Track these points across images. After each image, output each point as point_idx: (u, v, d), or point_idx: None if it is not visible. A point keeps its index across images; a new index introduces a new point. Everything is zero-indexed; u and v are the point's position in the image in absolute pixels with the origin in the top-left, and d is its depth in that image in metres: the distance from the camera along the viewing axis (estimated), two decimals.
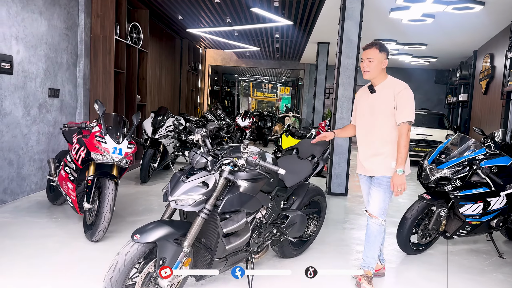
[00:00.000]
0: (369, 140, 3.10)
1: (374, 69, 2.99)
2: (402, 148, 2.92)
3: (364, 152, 3.14)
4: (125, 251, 2.22)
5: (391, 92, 2.98)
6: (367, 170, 3.14)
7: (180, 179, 2.40)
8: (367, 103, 3.12)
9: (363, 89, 3.23)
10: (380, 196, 3.06)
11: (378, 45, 3.00)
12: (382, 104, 3.01)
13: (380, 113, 3.02)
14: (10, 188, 4.98)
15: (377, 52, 2.98)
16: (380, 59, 2.99)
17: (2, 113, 4.74)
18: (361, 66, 3.08)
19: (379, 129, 3.05)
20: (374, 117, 3.06)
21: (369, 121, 3.10)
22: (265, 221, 2.88)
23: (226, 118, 10.73)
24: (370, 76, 3.03)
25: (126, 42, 7.30)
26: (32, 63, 5.23)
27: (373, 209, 3.10)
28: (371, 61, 2.97)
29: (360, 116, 3.20)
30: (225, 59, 15.85)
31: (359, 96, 3.28)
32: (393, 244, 4.08)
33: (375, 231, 3.12)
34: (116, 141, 3.89)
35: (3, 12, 4.64)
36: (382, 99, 3.02)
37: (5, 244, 3.64)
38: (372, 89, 3.09)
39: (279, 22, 8.29)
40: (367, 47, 3.03)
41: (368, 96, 3.11)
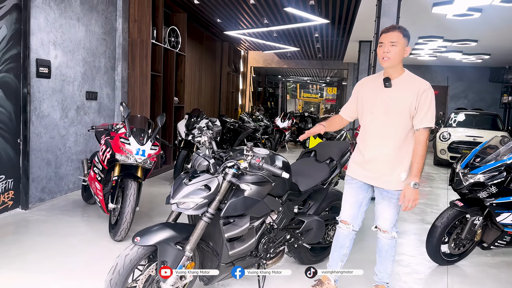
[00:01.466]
0: (380, 143, 2.67)
1: (396, 55, 2.53)
2: (419, 158, 2.55)
3: (370, 155, 2.71)
4: (125, 253, 2.22)
5: (413, 90, 2.55)
6: (371, 178, 2.73)
7: (183, 181, 2.37)
8: (379, 98, 2.66)
9: (371, 81, 2.80)
10: (391, 210, 2.72)
11: (402, 29, 2.56)
12: (400, 102, 2.58)
13: (397, 112, 2.59)
14: (48, 187, 5.22)
15: (401, 36, 2.53)
16: (403, 44, 2.54)
17: (41, 115, 4.97)
18: (378, 52, 2.60)
19: (393, 132, 2.62)
20: (389, 116, 2.61)
21: (381, 120, 2.65)
22: (276, 226, 2.78)
23: (264, 120, 10.68)
24: (390, 63, 2.55)
25: (163, 46, 7.45)
26: (69, 67, 5.45)
27: (384, 224, 2.77)
28: (395, 45, 2.51)
29: (367, 113, 2.73)
30: (267, 60, 15.84)
31: (365, 88, 2.79)
32: (424, 253, 3.84)
33: (387, 245, 2.82)
34: (140, 142, 3.95)
35: (41, 19, 4.87)
36: (400, 96, 2.58)
37: (36, 241, 3.80)
38: (388, 83, 2.62)
39: (315, 21, 8.13)
40: (388, 30, 2.57)
41: (381, 90, 2.65)
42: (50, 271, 3.18)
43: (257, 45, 13.12)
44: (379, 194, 2.77)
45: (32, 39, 4.73)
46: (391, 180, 2.67)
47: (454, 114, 11.32)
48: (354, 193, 2.82)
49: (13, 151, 4.58)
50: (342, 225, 2.88)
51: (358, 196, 2.82)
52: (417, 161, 2.56)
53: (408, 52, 2.61)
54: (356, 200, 2.83)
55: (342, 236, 2.89)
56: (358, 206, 2.84)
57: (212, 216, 2.36)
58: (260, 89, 19.88)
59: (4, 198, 4.51)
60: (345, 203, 2.87)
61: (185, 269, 2.38)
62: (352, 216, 2.84)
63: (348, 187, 2.87)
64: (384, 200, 2.73)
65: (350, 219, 2.85)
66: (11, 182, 4.59)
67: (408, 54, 2.61)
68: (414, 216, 5.36)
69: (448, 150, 9.82)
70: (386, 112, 2.64)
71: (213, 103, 12.17)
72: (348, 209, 2.84)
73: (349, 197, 2.84)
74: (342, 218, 2.87)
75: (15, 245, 3.66)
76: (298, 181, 2.97)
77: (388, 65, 2.59)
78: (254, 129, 8.60)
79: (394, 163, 2.66)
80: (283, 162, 2.73)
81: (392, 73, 2.64)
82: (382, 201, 2.75)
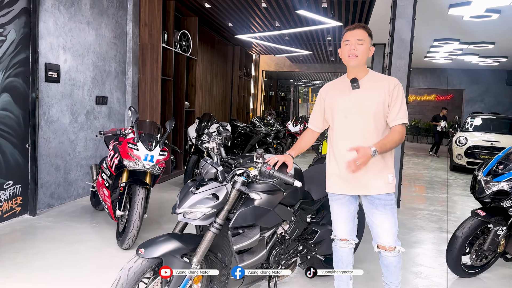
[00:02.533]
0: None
1: (363, 53, 2.42)
2: (391, 140, 2.38)
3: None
4: (128, 266, 2.11)
5: (383, 87, 2.44)
6: (357, 188, 2.52)
7: (190, 190, 2.25)
8: (349, 101, 2.49)
9: (336, 85, 2.62)
10: (390, 220, 2.50)
11: (367, 28, 2.47)
12: (372, 102, 2.44)
13: (372, 112, 2.44)
14: (57, 193, 5.16)
15: (367, 35, 2.44)
16: (369, 43, 2.45)
17: (49, 120, 4.92)
18: (343, 50, 2.47)
19: (370, 134, 2.45)
20: (364, 119, 2.46)
21: (356, 124, 2.48)
22: (288, 237, 2.65)
23: (276, 124, 10.55)
24: (358, 62, 2.42)
25: (174, 50, 7.39)
26: (79, 71, 5.40)
27: (387, 239, 2.52)
28: (361, 43, 2.41)
29: (340, 118, 2.53)
30: (279, 64, 15.72)
31: (331, 94, 2.60)
32: (443, 264, 3.65)
33: (395, 262, 2.58)
34: (148, 148, 3.86)
35: (50, 23, 4.82)
36: (371, 96, 2.44)
37: (42, 248, 3.72)
38: (355, 83, 2.47)
39: (328, 24, 7.99)
40: (354, 27, 2.46)
41: (350, 93, 2.50)
42: (55, 280, 3.09)
43: (269, 48, 13.02)
44: (370, 204, 2.55)
45: (41, 43, 4.69)
46: (379, 184, 2.49)
47: (470, 118, 11.06)
48: (344, 209, 2.61)
49: (21, 156, 4.53)
50: (342, 243, 2.66)
51: (350, 211, 2.62)
52: (388, 140, 2.39)
53: (372, 52, 2.51)
54: (349, 215, 2.63)
55: (346, 254, 2.68)
56: (352, 220, 2.65)
57: (221, 226, 2.23)
58: (272, 93, 19.76)
59: (12, 204, 4.45)
60: (338, 222, 2.64)
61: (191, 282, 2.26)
62: (349, 232, 2.65)
63: (335, 204, 2.64)
64: (378, 209, 2.51)
65: (349, 235, 2.65)
66: (19, 187, 4.54)
67: (372, 53, 2.51)
68: (431, 224, 5.17)
69: (465, 155, 9.57)
70: (361, 114, 2.47)
71: (225, 108, 12.09)
72: (344, 226, 2.63)
73: (340, 214, 2.63)
74: (340, 237, 2.65)
75: (22, 252, 3.59)
76: (311, 189, 2.84)
77: (356, 64, 2.46)
78: (265, 134, 8.48)
79: (379, 164, 2.49)
80: (296, 170, 2.60)
81: (358, 73, 2.51)
82: (376, 211, 2.52)
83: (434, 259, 3.94)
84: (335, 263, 2.74)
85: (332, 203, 2.67)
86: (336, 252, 2.73)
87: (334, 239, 2.72)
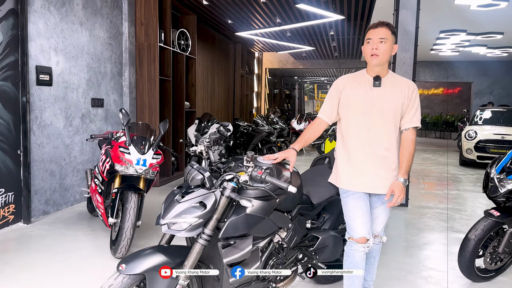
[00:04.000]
0: (374, 147, 2.47)
1: (385, 53, 2.40)
2: (410, 156, 2.45)
3: (365, 161, 2.48)
4: (108, 283, 1.92)
5: (403, 89, 2.46)
6: (373, 186, 2.49)
7: (175, 198, 2.06)
8: (369, 98, 2.47)
9: (355, 79, 2.56)
10: (386, 214, 2.61)
11: (390, 26, 2.43)
12: (392, 102, 2.45)
13: (391, 112, 2.45)
14: (53, 199, 5.01)
15: (390, 33, 2.40)
16: (392, 42, 2.42)
17: (42, 124, 4.76)
18: (365, 49, 2.45)
19: (387, 134, 2.47)
20: (382, 117, 2.45)
21: (374, 121, 2.46)
22: (286, 245, 2.45)
23: (279, 122, 10.34)
24: (379, 61, 2.40)
25: (172, 49, 7.20)
26: (73, 73, 5.24)
27: (379, 228, 2.63)
28: (384, 41, 2.38)
29: (357, 113, 2.49)
30: (282, 61, 15.50)
31: (350, 87, 2.54)
32: (455, 268, 3.43)
33: (375, 251, 2.70)
34: (141, 151, 3.68)
35: (41, 24, 4.66)
36: (391, 96, 2.45)
37: (33, 258, 3.56)
38: (378, 82, 2.46)
39: (330, 18, 7.76)
40: (377, 25, 2.42)
41: (371, 90, 2.48)
42: None
43: (271, 45, 12.80)
44: (377, 199, 2.58)
45: (31, 45, 4.53)
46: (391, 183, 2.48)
47: (479, 111, 10.75)
48: (361, 203, 2.51)
49: (13, 163, 4.37)
50: (359, 246, 2.49)
51: (366, 206, 2.53)
52: (408, 159, 2.46)
53: (395, 50, 2.50)
54: (366, 211, 2.51)
55: (361, 259, 2.51)
56: (369, 217, 2.53)
57: (210, 237, 2.04)
58: (276, 91, 19.52)
59: (4, 212, 4.30)
60: (357, 218, 2.49)
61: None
62: (369, 230, 2.50)
63: (350, 200, 2.53)
64: (383, 204, 2.56)
65: (368, 233, 2.49)
66: (12, 195, 4.39)
67: (395, 52, 2.51)
68: (441, 223, 4.94)
69: (475, 149, 9.29)
70: (380, 113, 2.47)
71: (227, 107, 11.90)
72: (363, 223, 2.48)
73: (358, 210, 2.50)
74: (360, 236, 2.48)
75: (10, 264, 3.43)
76: (310, 193, 2.63)
77: (377, 63, 2.44)
78: (268, 133, 8.28)
79: (392, 165, 2.51)
80: (292, 173, 2.39)
81: (380, 72, 2.49)
82: (380, 205, 2.58)
83: (445, 262, 3.72)
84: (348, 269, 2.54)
85: (346, 199, 2.55)
86: (350, 257, 2.53)
87: (348, 241, 2.54)
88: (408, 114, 2.47)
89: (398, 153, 2.51)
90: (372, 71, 2.50)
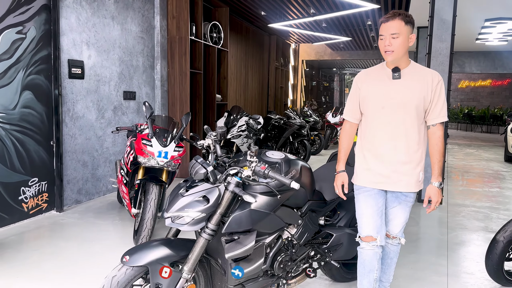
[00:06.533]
0: (394, 142, 2.35)
1: (400, 47, 2.27)
2: (441, 155, 2.35)
3: (385, 158, 2.38)
4: (112, 274, 1.95)
5: (425, 81, 2.31)
6: (388, 183, 2.39)
7: (179, 192, 2.06)
8: (388, 91, 2.36)
9: (374, 72, 2.46)
10: (406, 214, 2.47)
11: (403, 15, 2.27)
12: (415, 94, 2.31)
13: (413, 105, 2.31)
14: (85, 189, 5.19)
15: (403, 25, 2.25)
16: (406, 33, 2.27)
17: (74, 116, 4.93)
18: (380, 45, 2.34)
19: (410, 128, 2.34)
20: (403, 111, 2.32)
21: (394, 115, 2.34)
22: (296, 242, 2.39)
23: (313, 115, 10.19)
24: (394, 56, 2.29)
25: (204, 42, 7.24)
26: (105, 67, 5.38)
27: (396, 229, 2.51)
28: (396, 36, 2.25)
29: (377, 108, 2.38)
30: (319, 52, 15.22)
31: (369, 81, 2.44)
32: (482, 271, 3.24)
33: (393, 252, 2.59)
34: (163, 144, 3.72)
35: (73, 19, 4.81)
36: (412, 88, 2.32)
37: (58, 246, 3.70)
38: (397, 73, 2.34)
39: (364, 7, 7.51)
40: (388, 19, 2.28)
41: (390, 82, 2.36)
42: (65, 280, 3.03)
43: (307, 37, 12.59)
44: (394, 199, 2.47)
45: (63, 39, 4.68)
46: (411, 181, 2.39)
47: None
48: (372, 202, 2.42)
49: (46, 153, 4.56)
50: (366, 245, 2.42)
51: (378, 204, 2.42)
52: (439, 159, 2.36)
53: (413, 40, 2.32)
54: (377, 209, 2.41)
55: (369, 258, 2.42)
56: (380, 216, 2.42)
57: (213, 232, 2.02)
58: (314, 83, 19.24)
59: (38, 200, 4.50)
60: (365, 216, 2.42)
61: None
62: (378, 228, 2.40)
63: (362, 197, 2.46)
64: (400, 204, 2.46)
65: (375, 232, 2.40)
66: (45, 184, 4.58)
67: (413, 42, 2.33)
68: (476, 222, 4.69)
69: None
70: (401, 106, 2.33)
71: (261, 99, 11.86)
72: (371, 222, 2.40)
73: (368, 207, 2.42)
74: (366, 234, 2.41)
75: (38, 250, 3.58)
76: (322, 189, 2.56)
77: (393, 59, 2.32)
78: (299, 126, 8.17)
79: (414, 161, 2.38)
80: (302, 168, 2.33)
81: (399, 64, 2.37)
82: (397, 205, 2.46)
83: (475, 263, 3.52)
84: (358, 268, 2.50)
85: (358, 196, 2.48)
86: (359, 255, 2.49)
87: (357, 239, 2.49)
88: (435, 108, 2.33)
89: (423, 149, 2.40)
90: (391, 64, 2.38)
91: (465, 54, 14.60)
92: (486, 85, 20.37)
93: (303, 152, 8.12)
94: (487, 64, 14.84)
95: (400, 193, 2.43)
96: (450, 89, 5.35)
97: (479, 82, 20.41)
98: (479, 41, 11.70)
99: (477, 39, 11.47)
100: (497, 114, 18.27)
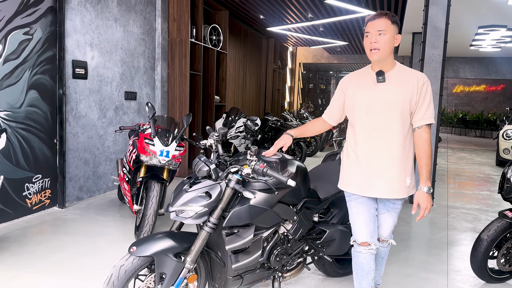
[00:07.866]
0: (379, 148, 2.32)
1: (386, 45, 2.22)
2: (428, 159, 2.27)
3: (369, 164, 2.34)
4: (120, 263, 2.10)
5: (411, 82, 2.27)
6: (377, 190, 2.34)
7: (183, 188, 2.21)
8: (372, 95, 2.32)
9: (359, 76, 2.43)
10: (393, 219, 2.53)
11: (390, 15, 2.25)
12: (398, 98, 2.26)
13: (397, 109, 2.26)
14: (86, 186, 5.32)
15: (389, 23, 2.22)
16: (392, 33, 2.24)
17: (77, 115, 5.07)
18: (365, 43, 2.29)
19: (395, 131, 2.29)
20: (389, 114, 2.28)
21: (380, 120, 2.30)
22: (291, 237, 2.55)
23: (309, 117, 10.36)
24: (380, 55, 2.24)
25: (203, 45, 7.39)
26: (107, 68, 5.52)
27: (385, 233, 2.58)
28: (383, 33, 2.21)
29: (361, 113, 2.35)
30: (316, 56, 15.42)
31: (354, 85, 2.42)
32: (468, 268, 3.41)
33: (383, 253, 2.70)
34: (164, 143, 3.87)
35: (77, 20, 4.95)
36: (397, 91, 2.27)
37: (62, 241, 3.84)
38: (381, 76, 2.29)
39: (361, 13, 7.69)
40: (374, 17, 2.25)
41: (375, 86, 2.32)
42: (69, 273, 3.17)
43: (304, 40, 12.78)
44: (382, 205, 2.49)
45: (67, 40, 4.82)
46: (399, 188, 2.35)
47: None
48: (364, 208, 2.42)
49: (49, 151, 4.69)
50: (362, 249, 2.45)
51: (370, 210, 2.42)
52: (427, 163, 2.28)
53: (399, 41, 2.29)
54: (369, 216, 2.42)
55: (366, 261, 2.47)
56: (373, 221, 2.45)
57: (214, 225, 2.18)
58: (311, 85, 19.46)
59: (41, 196, 4.63)
60: (358, 222, 2.43)
61: (191, 285, 2.24)
62: (371, 234, 2.45)
63: (353, 204, 2.45)
64: (389, 211, 2.50)
65: (369, 238, 2.43)
66: (48, 181, 4.72)
67: (398, 43, 2.29)
68: (465, 224, 4.86)
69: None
70: (385, 110, 2.30)
71: (258, 101, 12.03)
72: (365, 228, 2.42)
73: (360, 214, 2.42)
74: (361, 241, 2.44)
75: (43, 244, 3.72)
76: (317, 188, 2.72)
77: (378, 58, 2.27)
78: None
79: (401, 167, 2.33)
80: (298, 168, 2.49)
81: (384, 66, 2.33)
82: (386, 212, 2.50)
83: (461, 261, 3.69)
84: (355, 270, 2.53)
85: (350, 203, 2.49)
86: (355, 258, 2.52)
87: (353, 244, 2.52)
88: (420, 109, 2.28)
89: (409, 153, 2.36)
90: (375, 66, 2.35)
91: (459, 59, 14.85)
92: (481, 90, 20.65)
93: (299, 153, 8.29)
94: (481, 70, 15.10)
95: (388, 200, 2.43)
96: (442, 95, 5.52)
97: (473, 87, 20.69)
98: (473, 47, 11.93)
99: (471, 45, 11.70)
100: (491, 119, 18.54)
